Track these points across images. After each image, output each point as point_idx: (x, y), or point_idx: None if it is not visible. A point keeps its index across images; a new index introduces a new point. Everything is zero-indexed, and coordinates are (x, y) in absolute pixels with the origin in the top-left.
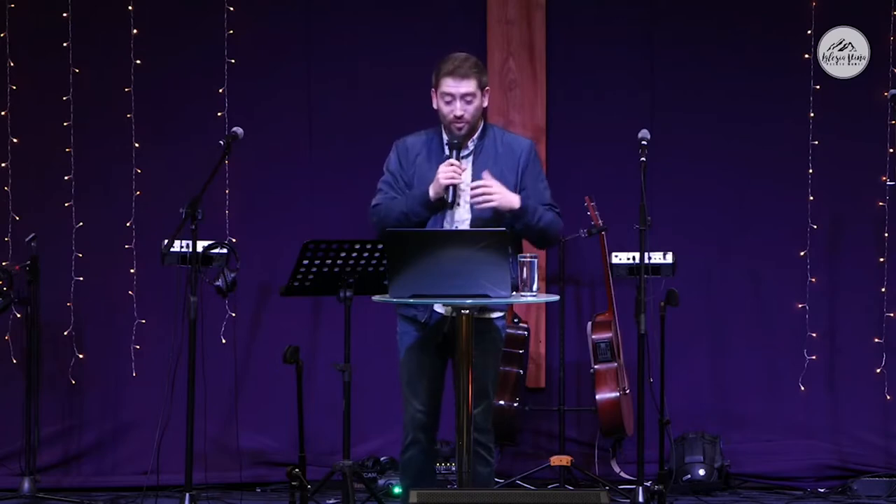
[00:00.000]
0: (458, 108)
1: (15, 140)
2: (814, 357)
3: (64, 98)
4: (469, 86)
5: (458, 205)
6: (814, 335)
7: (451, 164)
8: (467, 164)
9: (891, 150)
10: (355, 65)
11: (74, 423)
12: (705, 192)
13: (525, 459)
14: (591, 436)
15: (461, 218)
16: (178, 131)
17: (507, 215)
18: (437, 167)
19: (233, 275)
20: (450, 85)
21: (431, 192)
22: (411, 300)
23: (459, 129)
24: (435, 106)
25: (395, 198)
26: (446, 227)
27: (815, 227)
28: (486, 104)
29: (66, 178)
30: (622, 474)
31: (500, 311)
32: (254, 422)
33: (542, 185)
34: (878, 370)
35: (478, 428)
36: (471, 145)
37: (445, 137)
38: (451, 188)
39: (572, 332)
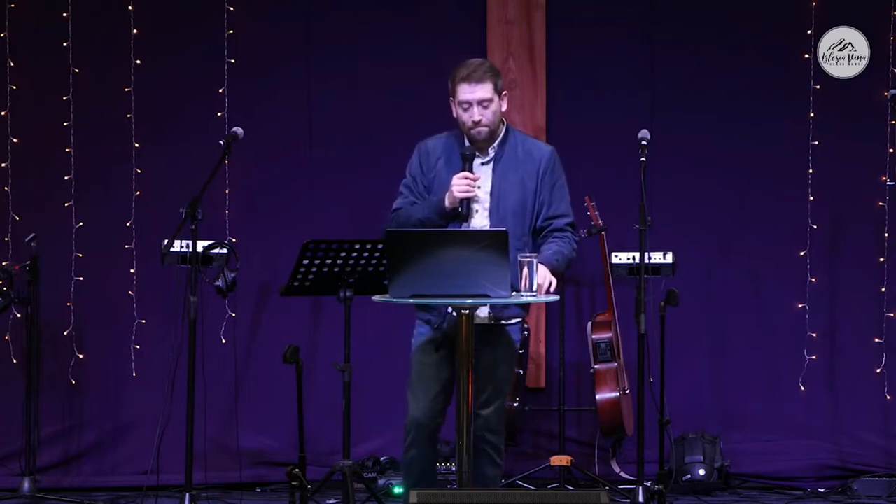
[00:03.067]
0: (476, 114)
1: (15, 140)
2: (814, 357)
3: (64, 98)
4: (485, 91)
5: (476, 213)
6: (814, 335)
7: (466, 177)
8: (488, 171)
9: (891, 150)
10: (355, 65)
11: (74, 423)
12: (705, 192)
13: (525, 459)
14: (591, 436)
15: (480, 224)
16: (178, 131)
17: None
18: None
19: (233, 275)
20: (465, 91)
21: (447, 202)
22: (411, 300)
23: (479, 133)
24: (454, 114)
25: (415, 203)
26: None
27: (815, 227)
28: (504, 108)
29: (66, 178)
30: (622, 474)
31: (517, 317)
32: (254, 422)
33: (560, 196)
34: (878, 370)
35: (490, 428)
36: (491, 152)
37: (466, 143)
38: (464, 201)
39: (572, 332)
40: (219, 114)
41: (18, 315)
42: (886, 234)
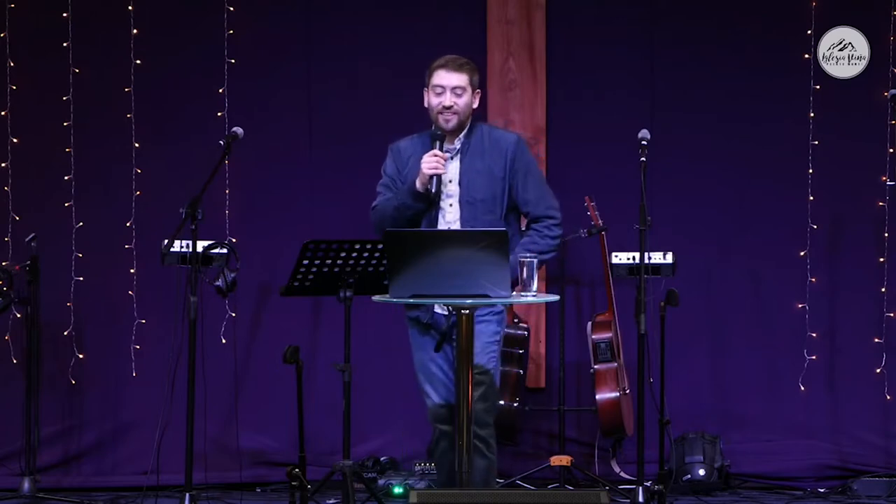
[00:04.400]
0: (448, 99)
1: (15, 140)
2: (814, 357)
3: (64, 98)
4: (460, 79)
5: (451, 207)
6: (814, 335)
7: (435, 155)
8: (455, 162)
9: (891, 150)
10: (355, 65)
11: (74, 423)
12: (705, 192)
13: (525, 459)
14: (591, 436)
15: (454, 218)
16: (178, 131)
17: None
18: None
19: (233, 275)
20: (442, 76)
21: (418, 184)
22: (411, 300)
23: (447, 120)
24: (426, 104)
25: (390, 197)
26: (440, 227)
27: (815, 227)
28: (475, 104)
29: (66, 178)
30: (622, 474)
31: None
32: (254, 422)
33: (534, 180)
34: (878, 370)
35: (477, 421)
36: (458, 143)
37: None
38: (434, 178)
39: (572, 332)
40: (219, 114)
41: (18, 315)
42: (886, 234)
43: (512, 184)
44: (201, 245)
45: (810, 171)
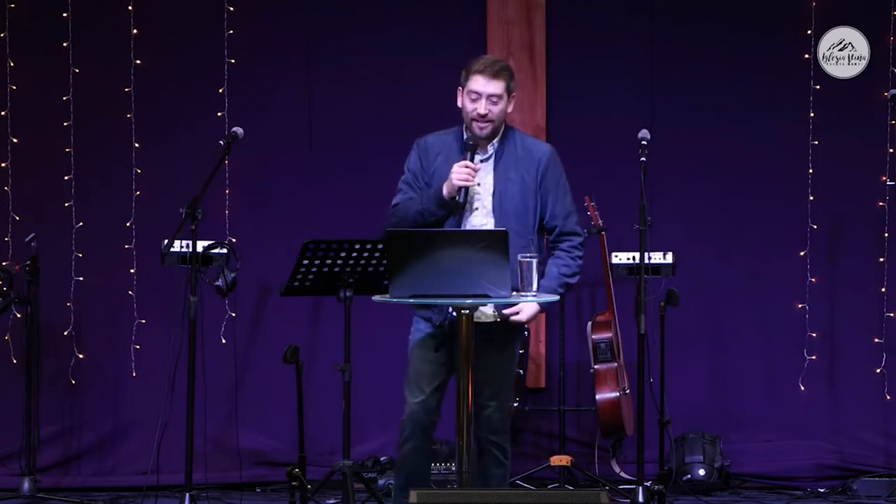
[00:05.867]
0: (483, 107)
1: (15, 140)
2: (814, 357)
3: (64, 98)
4: (497, 87)
5: (476, 211)
6: (814, 335)
7: (466, 166)
8: (489, 168)
9: (891, 150)
10: (355, 65)
11: (74, 423)
12: (705, 192)
13: (525, 459)
14: (591, 436)
15: (480, 223)
16: (178, 131)
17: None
18: None
19: (233, 275)
20: (479, 83)
21: (445, 191)
22: (411, 300)
23: (482, 128)
24: (460, 104)
25: (413, 198)
26: None
27: (815, 227)
28: (510, 110)
29: (66, 178)
30: (622, 474)
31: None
32: (254, 422)
33: (564, 194)
34: (878, 370)
35: (493, 428)
36: (491, 149)
37: (465, 137)
38: (462, 189)
39: (572, 332)
40: (219, 114)
41: (18, 315)
42: (886, 234)
43: (542, 195)
44: (201, 245)
45: (810, 171)
